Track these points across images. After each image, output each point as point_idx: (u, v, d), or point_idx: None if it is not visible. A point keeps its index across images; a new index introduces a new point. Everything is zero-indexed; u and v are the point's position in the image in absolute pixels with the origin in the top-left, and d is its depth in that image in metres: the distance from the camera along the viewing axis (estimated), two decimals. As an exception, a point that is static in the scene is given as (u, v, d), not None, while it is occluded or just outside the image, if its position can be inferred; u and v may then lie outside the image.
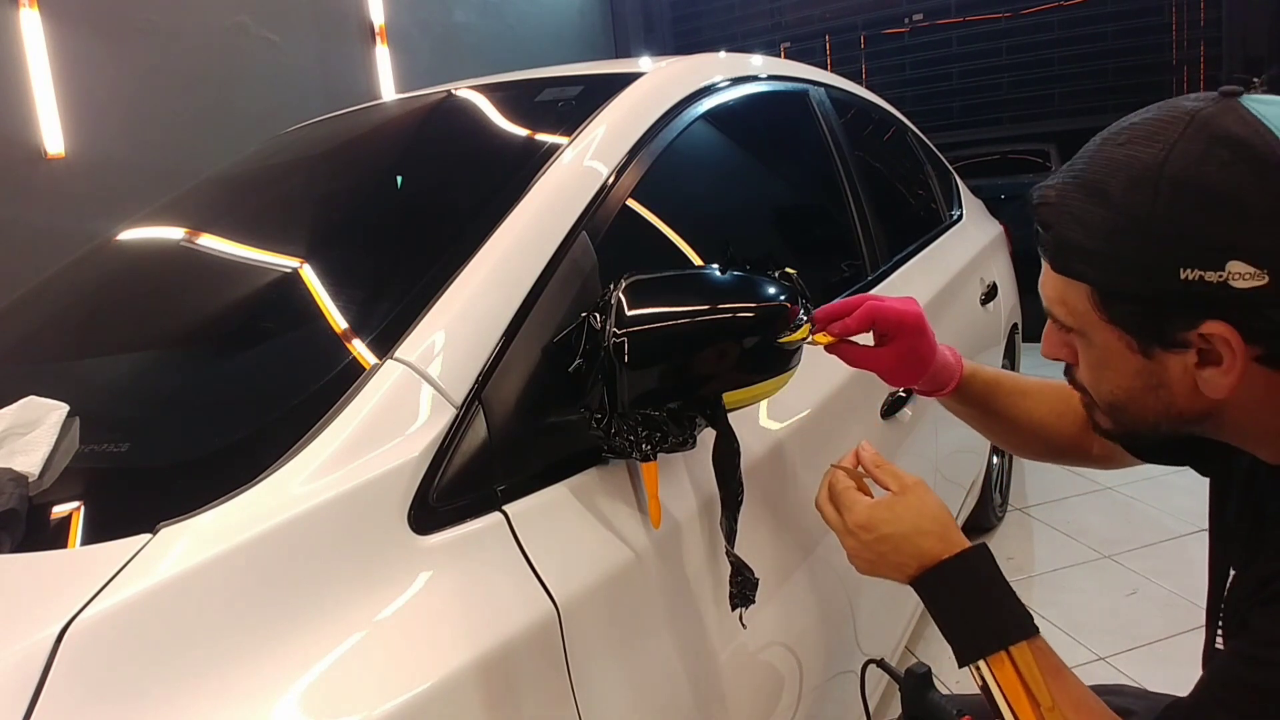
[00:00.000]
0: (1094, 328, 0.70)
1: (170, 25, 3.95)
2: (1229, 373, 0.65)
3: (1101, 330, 0.70)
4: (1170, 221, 0.62)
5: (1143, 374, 0.70)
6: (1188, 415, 0.71)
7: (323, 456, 0.73)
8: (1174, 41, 5.83)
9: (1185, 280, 0.62)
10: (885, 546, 0.84)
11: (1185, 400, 0.69)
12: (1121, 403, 0.73)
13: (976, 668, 0.77)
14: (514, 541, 0.79)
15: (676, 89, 1.33)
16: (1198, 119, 0.64)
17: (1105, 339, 0.70)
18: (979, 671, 0.76)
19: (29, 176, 3.53)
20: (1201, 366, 0.66)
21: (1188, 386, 0.68)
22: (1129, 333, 0.68)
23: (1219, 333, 0.63)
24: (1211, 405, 0.69)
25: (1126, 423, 0.75)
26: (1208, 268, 0.61)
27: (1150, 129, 0.65)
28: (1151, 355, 0.68)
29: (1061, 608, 2.41)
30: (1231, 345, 0.63)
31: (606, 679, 0.81)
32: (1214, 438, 0.75)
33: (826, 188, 1.80)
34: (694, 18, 7.81)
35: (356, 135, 1.66)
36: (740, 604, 0.92)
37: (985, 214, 3.11)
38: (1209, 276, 0.61)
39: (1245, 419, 0.70)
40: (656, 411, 0.85)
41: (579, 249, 0.98)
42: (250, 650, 0.63)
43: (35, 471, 0.77)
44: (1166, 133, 0.64)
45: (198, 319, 1.13)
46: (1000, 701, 0.74)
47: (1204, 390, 0.67)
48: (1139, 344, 0.68)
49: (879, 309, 1.00)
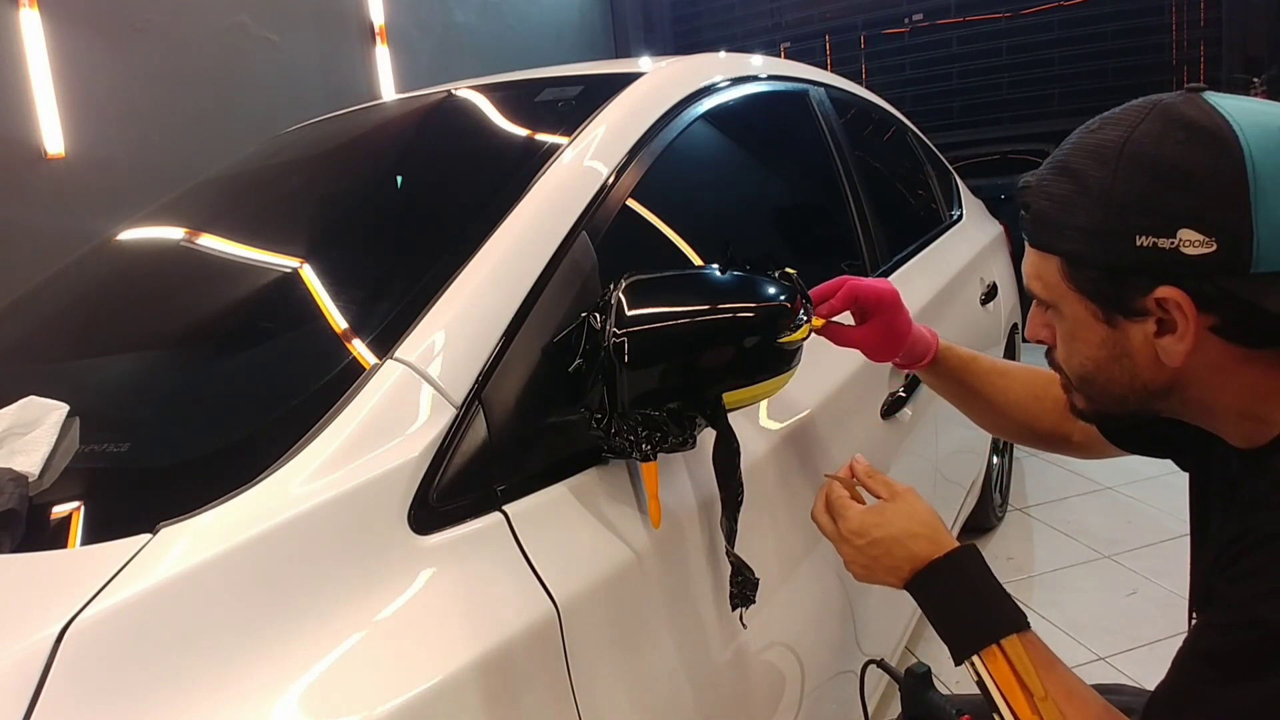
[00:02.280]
0: (1064, 299, 0.75)
1: (170, 25, 3.95)
2: (1184, 338, 0.69)
3: (1071, 301, 0.75)
4: (1127, 192, 0.68)
5: (1108, 344, 0.74)
6: (1152, 387, 0.74)
7: (323, 456, 0.73)
8: (1174, 41, 5.83)
9: (1140, 247, 0.67)
10: (878, 550, 0.88)
11: (1148, 371, 0.73)
12: (1090, 374, 0.77)
13: (971, 664, 0.79)
14: (514, 541, 0.79)
15: (676, 89, 1.33)
16: (1159, 106, 0.69)
17: (1074, 310, 0.75)
18: (974, 667, 0.79)
19: (29, 176, 3.53)
20: (1160, 335, 0.70)
21: (1149, 356, 0.72)
22: (1094, 301, 0.73)
23: (1172, 297, 0.67)
24: (1173, 377, 0.73)
25: (1096, 397, 0.79)
26: (1160, 235, 0.66)
27: (1118, 116, 0.72)
28: (1115, 324, 0.73)
29: (1061, 608, 2.41)
30: (1184, 310, 0.67)
31: (606, 679, 0.81)
32: (1184, 419, 0.78)
33: (826, 188, 1.80)
34: (694, 18, 7.81)
35: (356, 135, 1.66)
36: (740, 604, 0.92)
37: (985, 214, 3.11)
38: (1161, 243, 0.66)
39: (1206, 395, 0.74)
40: (656, 411, 0.85)
41: (579, 249, 0.98)
42: (250, 650, 0.63)
43: (35, 471, 0.77)
44: (1131, 117, 0.70)
45: (198, 319, 1.13)
46: (995, 695, 0.76)
47: (1163, 359, 0.71)
48: (1103, 313, 0.73)
49: (858, 287, 1.10)
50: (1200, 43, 5.72)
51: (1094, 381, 0.77)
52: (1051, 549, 2.76)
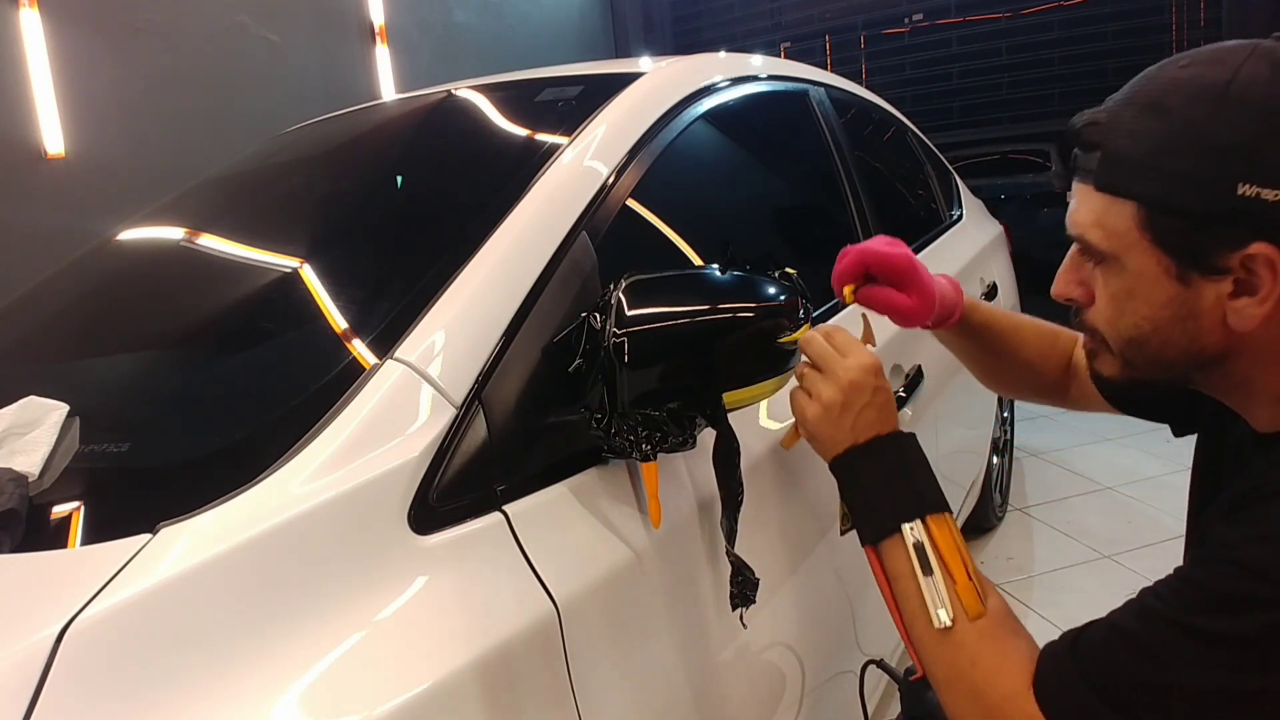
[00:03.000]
0: (1131, 251, 0.69)
1: (170, 25, 3.95)
2: (1265, 301, 0.64)
3: (1140, 254, 0.68)
4: (1233, 135, 0.62)
5: (1174, 303, 0.68)
6: (1206, 355, 0.70)
7: (323, 456, 0.73)
8: (1174, 41, 5.83)
9: (1242, 196, 0.61)
10: (862, 400, 0.85)
11: (1210, 335, 0.68)
12: (1145, 336, 0.71)
13: (912, 528, 0.78)
14: (514, 541, 0.79)
15: (676, 89, 1.33)
16: (1261, 48, 0.64)
17: (1141, 264, 0.68)
18: (913, 532, 0.78)
19: (29, 176, 3.53)
20: (1235, 297, 0.66)
21: (1216, 319, 0.67)
22: (1170, 255, 0.67)
23: (1265, 254, 0.62)
24: (1231, 346, 0.68)
25: (1141, 363, 0.73)
26: (1267, 185, 0.60)
27: (1213, 55, 0.66)
28: (1188, 282, 0.67)
29: (1061, 608, 2.41)
30: (1275, 270, 0.63)
31: (606, 679, 0.81)
32: (1209, 394, 0.76)
33: (826, 188, 1.80)
34: (694, 18, 7.81)
35: (356, 135, 1.66)
36: (740, 604, 0.92)
37: (985, 214, 3.11)
38: (1266, 194, 0.60)
39: (1253, 371, 0.70)
40: (656, 411, 0.85)
41: (579, 249, 0.98)
42: (250, 650, 0.63)
43: (35, 471, 0.77)
44: (1231, 57, 0.64)
45: (197, 319, 1.13)
46: (934, 560, 0.77)
47: (1232, 323, 0.66)
48: (1177, 268, 0.67)
49: (865, 251, 1.05)
50: (1200, 43, 5.71)
51: (1146, 345, 0.71)
52: (1051, 549, 2.76)
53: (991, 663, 0.73)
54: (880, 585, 0.82)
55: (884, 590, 0.82)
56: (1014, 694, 0.70)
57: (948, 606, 0.75)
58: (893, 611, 0.81)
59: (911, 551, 0.78)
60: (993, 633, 0.74)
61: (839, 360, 0.87)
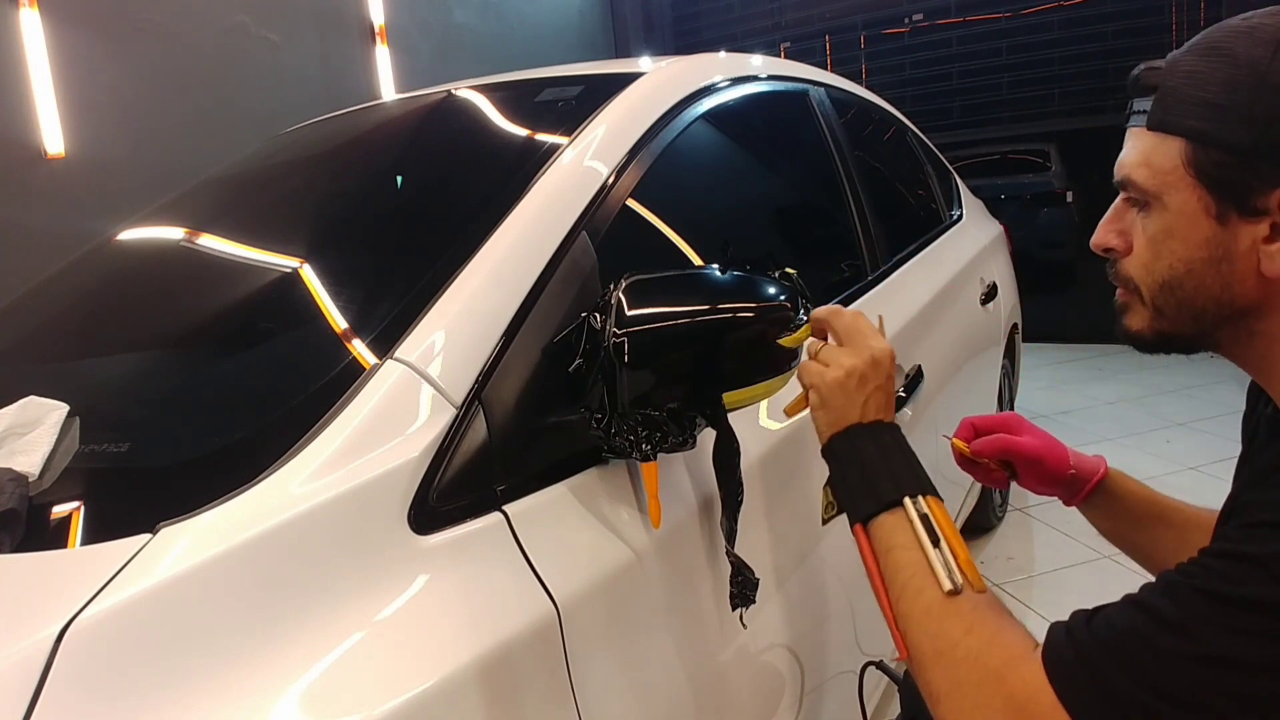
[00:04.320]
0: (1174, 188, 0.70)
1: (170, 25, 3.95)
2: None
3: (1182, 190, 0.70)
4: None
5: (1210, 244, 0.70)
6: (1237, 304, 0.71)
7: (323, 456, 0.73)
8: (1174, 42, 5.82)
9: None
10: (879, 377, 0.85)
11: (1242, 282, 0.70)
12: (1179, 279, 0.72)
13: (915, 503, 0.78)
14: (514, 541, 0.79)
15: (676, 89, 1.33)
16: None
17: (1182, 201, 0.70)
18: (921, 504, 0.78)
19: (29, 176, 3.53)
20: (1270, 241, 0.67)
21: (1250, 266, 0.69)
22: (1212, 192, 0.69)
23: None
24: (1261, 296, 0.70)
25: (1172, 310, 0.74)
26: None
27: (1275, 9, 0.68)
28: (1226, 221, 0.69)
29: (1061, 608, 2.36)
30: None
31: (606, 679, 0.81)
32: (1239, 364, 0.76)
33: (826, 188, 1.80)
34: (694, 18, 7.80)
35: (356, 135, 1.66)
36: (740, 604, 0.92)
37: (985, 214, 3.11)
38: None
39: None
40: (656, 411, 0.85)
41: (579, 249, 0.98)
42: (250, 650, 0.63)
43: (35, 471, 0.77)
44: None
45: (197, 319, 1.13)
46: (941, 532, 0.76)
47: (1265, 269, 0.68)
48: (1217, 206, 0.69)
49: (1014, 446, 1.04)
50: (1200, 43, 5.72)
51: (1179, 288, 0.72)
52: (1051, 549, 2.76)
53: (990, 632, 0.71)
54: (866, 562, 0.80)
55: (870, 567, 0.80)
56: (1015, 659, 0.68)
57: (955, 574, 0.74)
58: (878, 588, 0.79)
59: (917, 522, 0.77)
60: (992, 606, 0.73)
61: (866, 336, 0.87)
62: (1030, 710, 0.65)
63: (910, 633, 0.75)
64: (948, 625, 0.72)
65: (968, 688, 0.69)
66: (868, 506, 0.81)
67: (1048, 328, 5.11)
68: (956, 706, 0.70)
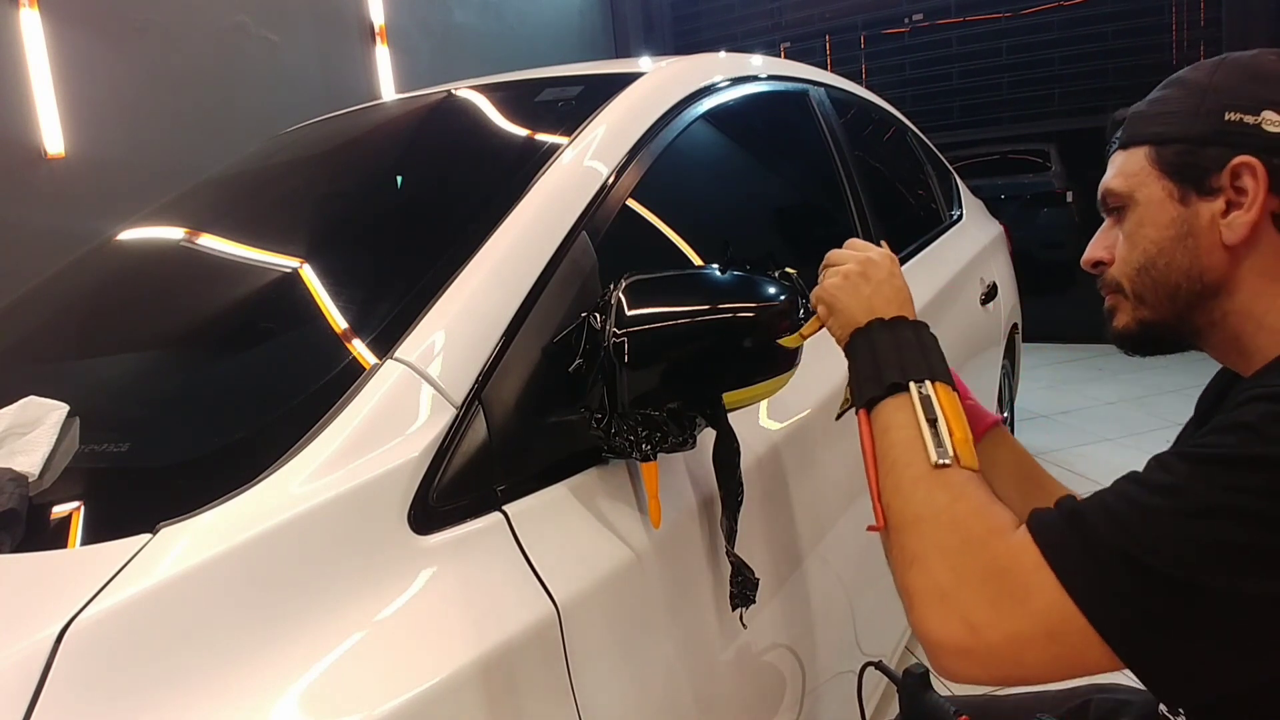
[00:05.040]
0: (1143, 185, 0.82)
1: (170, 25, 3.95)
2: (1250, 208, 0.75)
3: (1149, 185, 0.81)
4: (1223, 83, 0.79)
5: (1176, 223, 0.80)
6: (1207, 278, 0.79)
7: (323, 456, 0.73)
8: (1174, 41, 5.83)
9: (1228, 120, 0.77)
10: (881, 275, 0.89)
11: (1209, 255, 0.78)
12: (1152, 259, 0.81)
13: (922, 386, 0.79)
14: (514, 541, 0.79)
15: (676, 89, 1.33)
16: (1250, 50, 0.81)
17: (1150, 193, 0.81)
18: (925, 388, 0.79)
19: (29, 176, 3.53)
20: (1227, 214, 0.77)
21: (1213, 240, 0.78)
22: (1174, 179, 0.80)
23: (1247, 162, 0.75)
24: (1228, 271, 0.78)
25: (1149, 291, 0.82)
26: (1247, 112, 0.76)
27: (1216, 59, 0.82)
28: (1188, 202, 0.79)
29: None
30: (1256, 177, 0.75)
31: (606, 679, 0.81)
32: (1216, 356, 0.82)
33: (826, 188, 1.80)
34: (694, 18, 7.81)
35: (356, 135, 1.66)
36: (740, 604, 0.92)
37: (985, 214, 3.11)
38: (1247, 119, 0.76)
39: (1253, 305, 0.77)
40: (656, 411, 0.85)
41: (579, 249, 0.98)
42: (250, 650, 0.63)
43: (35, 471, 0.77)
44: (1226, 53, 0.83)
45: (197, 319, 1.13)
46: (940, 415, 0.77)
47: (1226, 238, 0.77)
48: (1179, 190, 0.79)
49: None
50: (1200, 43, 5.72)
51: (1152, 268, 0.81)
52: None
53: (978, 503, 0.70)
54: (864, 444, 0.80)
55: (866, 449, 0.80)
56: (1000, 529, 0.68)
57: (947, 449, 0.74)
58: (869, 466, 0.79)
59: (917, 403, 0.78)
60: (983, 484, 0.73)
61: (858, 247, 0.95)
62: (1013, 571, 0.65)
63: (893, 502, 0.75)
64: (934, 494, 0.72)
65: (948, 552, 0.68)
66: (871, 390, 0.82)
67: (1048, 328, 5.12)
68: (931, 570, 0.68)
